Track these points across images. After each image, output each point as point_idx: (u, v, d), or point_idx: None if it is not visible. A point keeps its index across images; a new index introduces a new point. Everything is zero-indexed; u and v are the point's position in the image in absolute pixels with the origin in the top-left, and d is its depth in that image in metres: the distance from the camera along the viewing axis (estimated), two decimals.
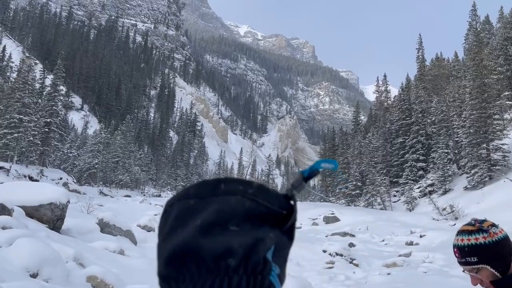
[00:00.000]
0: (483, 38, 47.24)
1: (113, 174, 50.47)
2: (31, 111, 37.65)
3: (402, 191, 39.22)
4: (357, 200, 44.05)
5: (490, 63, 40.03)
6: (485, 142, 31.74)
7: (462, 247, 1.53)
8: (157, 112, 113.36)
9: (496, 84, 38.56)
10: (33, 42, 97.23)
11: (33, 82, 43.47)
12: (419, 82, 53.06)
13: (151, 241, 11.77)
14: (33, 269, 5.90)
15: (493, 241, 1.48)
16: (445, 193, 34.09)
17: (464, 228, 1.57)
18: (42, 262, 6.00)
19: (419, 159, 40.51)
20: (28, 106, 37.28)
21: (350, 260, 12.13)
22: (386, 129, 48.30)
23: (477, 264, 1.49)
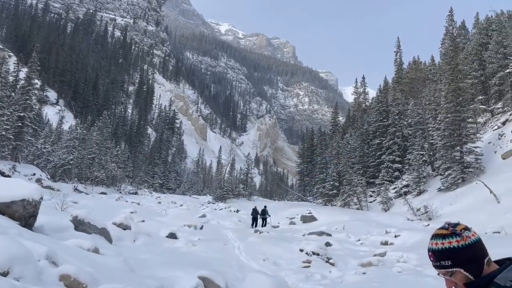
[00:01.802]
0: (459, 43, 48.42)
1: (89, 171, 49.52)
2: (3, 104, 36.54)
3: (378, 192, 39.83)
4: (334, 200, 44.49)
5: (465, 67, 41.10)
6: (458, 145, 32.55)
7: (437, 251, 1.55)
8: (135, 108, 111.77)
9: (470, 88, 39.63)
10: (7, 34, 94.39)
11: (7, 75, 42.18)
12: (396, 85, 53.97)
13: (127, 239, 11.60)
14: (3, 267, 5.72)
15: (466, 245, 1.50)
16: (419, 194, 34.80)
17: (438, 232, 1.59)
18: (13, 260, 5.82)
19: (395, 160, 41.24)
20: (0, 99, 36.18)
21: (326, 260, 12.23)
22: (363, 130, 48.97)
23: (451, 267, 1.52)
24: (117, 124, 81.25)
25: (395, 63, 59.51)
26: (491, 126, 37.22)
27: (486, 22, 48.76)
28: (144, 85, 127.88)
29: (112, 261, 8.29)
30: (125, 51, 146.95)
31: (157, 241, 12.75)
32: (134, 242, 11.70)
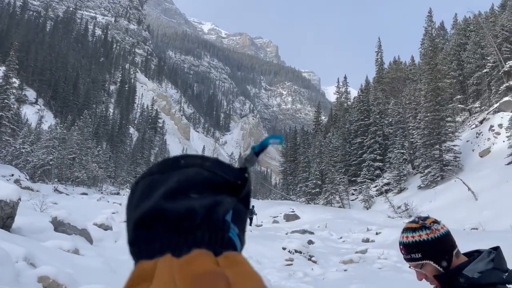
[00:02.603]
0: (437, 43, 49.31)
1: (69, 171, 48.71)
2: None
3: (360, 190, 40.29)
4: (316, 199, 44.80)
5: (444, 67, 41.89)
6: (438, 143, 33.20)
7: (407, 244, 1.58)
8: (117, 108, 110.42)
9: (449, 88, 40.44)
10: None
11: None
12: (377, 84, 54.65)
13: (107, 240, 11.48)
14: None
15: (435, 237, 1.54)
16: (400, 192, 35.36)
17: (408, 225, 1.64)
18: None
19: (376, 158, 41.77)
20: None
21: (308, 257, 12.34)
22: (345, 129, 49.42)
23: (421, 259, 1.55)
24: (98, 124, 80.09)
25: (376, 63, 60.25)
26: (469, 125, 38.08)
27: (464, 23, 49.81)
28: (126, 84, 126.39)
29: (93, 262, 8.20)
30: (106, 50, 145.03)
31: None
32: (116, 242, 11.58)
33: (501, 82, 35.66)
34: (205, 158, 0.49)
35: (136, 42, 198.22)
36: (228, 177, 0.48)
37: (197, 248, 0.39)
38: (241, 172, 0.49)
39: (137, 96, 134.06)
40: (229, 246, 0.42)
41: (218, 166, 0.48)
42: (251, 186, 0.49)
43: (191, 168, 0.47)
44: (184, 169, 0.47)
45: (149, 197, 0.45)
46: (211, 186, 0.46)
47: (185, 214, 0.42)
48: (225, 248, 0.41)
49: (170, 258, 0.38)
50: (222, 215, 0.43)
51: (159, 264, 0.38)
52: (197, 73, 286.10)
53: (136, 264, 0.42)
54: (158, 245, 0.41)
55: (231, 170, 0.49)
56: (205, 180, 0.46)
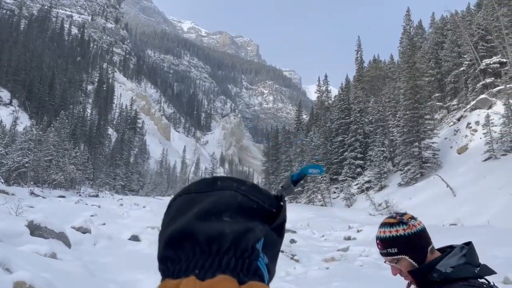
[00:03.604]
0: (416, 42, 50.09)
1: (46, 174, 47.59)
2: None
3: (341, 188, 40.64)
4: (299, 197, 45.00)
5: (422, 66, 42.61)
6: (417, 141, 33.75)
7: (384, 239, 1.59)
8: (95, 108, 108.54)
9: (427, 86, 41.15)
10: None
11: None
12: (357, 83, 55.22)
13: (86, 243, 11.21)
14: None
15: (411, 233, 1.56)
16: (381, 189, 35.81)
17: (386, 221, 1.64)
18: None
19: (357, 157, 42.20)
20: None
21: (291, 256, 12.33)
22: (326, 128, 49.78)
23: (397, 254, 1.56)
24: (75, 125, 78.55)
25: (356, 62, 60.85)
26: (447, 122, 38.82)
27: (442, 22, 50.76)
28: (104, 84, 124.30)
29: (71, 266, 7.97)
30: (83, 49, 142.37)
31: (118, 244, 12.39)
32: (95, 245, 11.32)
33: (477, 80, 36.45)
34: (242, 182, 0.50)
35: (114, 41, 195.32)
36: (263, 204, 0.48)
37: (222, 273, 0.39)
38: (277, 200, 0.49)
39: (115, 96, 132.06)
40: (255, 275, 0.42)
41: (254, 192, 0.48)
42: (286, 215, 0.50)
43: (227, 190, 0.47)
44: (220, 191, 0.47)
45: (183, 216, 0.46)
46: (245, 211, 0.46)
47: (215, 237, 0.42)
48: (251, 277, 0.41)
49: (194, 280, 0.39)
50: (252, 242, 0.43)
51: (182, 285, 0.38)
52: (177, 72, 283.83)
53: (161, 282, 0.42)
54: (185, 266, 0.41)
55: (267, 197, 0.49)
56: (240, 204, 0.46)
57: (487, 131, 27.99)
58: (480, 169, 26.51)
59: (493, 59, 34.59)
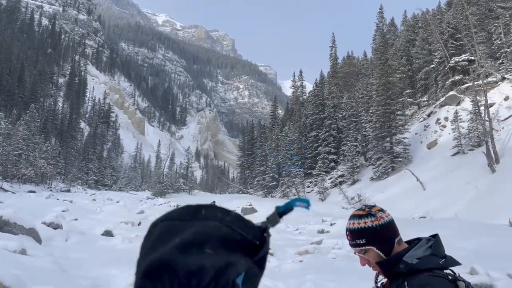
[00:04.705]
0: (388, 39, 51.03)
1: (15, 168, 46.22)
2: None
3: (316, 182, 41.15)
4: (274, 192, 45.30)
5: (394, 63, 43.46)
6: (389, 136, 34.48)
7: (353, 230, 1.64)
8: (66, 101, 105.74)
9: (399, 82, 42.01)
10: None
11: None
12: (331, 79, 55.81)
13: (58, 239, 11.01)
14: None
15: (379, 225, 1.61)
16: (353, 184, 36.46)
17: (355, 213, 1.69)
18: None
19: (331, 151, 42.78)
20: None
21: None
22: (301, 123, 50.22)
23: (365, 245, 1.61)
24: (46, 118, 76.37)
25: (331, 58, 61.46)
26: (418, 118, 39.80)
27: (413, 20, 51.86)
28: (76, 77, 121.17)
29: (42, 262, 7.83)
30: (54, 41, 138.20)
31: (91, 240, 12.22)
32: (66, 241, 11.13)
33: (447, 77, 37.49)
34: (227, 212, 0.49)
35: (86, 33, 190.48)
36: (247, 235, 0.47)
37: None
38: (261, 232, 0.49)
39: (88, 89, 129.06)
40: None
41: (238, 223, 0.48)
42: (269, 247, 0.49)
43: (210, 221, 0.47)
44: (204, 221, 0.47)
45: (164, 245, 0.45)
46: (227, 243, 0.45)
47: (195, 271, 0.42)
48: None
49: None
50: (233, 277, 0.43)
51: None
52: (151, 66, 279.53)
53: None
54: None
55: (251, 229, 0.48)
56: (222, 236, 0.45)
57: (455, 127, 28.87)
58: (448, 164, 27.36)
59: (461, 57, 35.62)
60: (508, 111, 28.00)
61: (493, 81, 31.74)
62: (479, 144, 26.50)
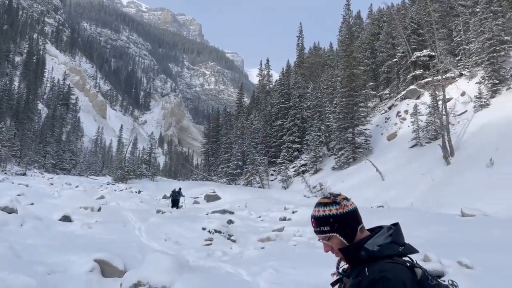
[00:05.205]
0: (354, 31, 51.81)
1: None
2: None
3: (279, 170, 41.61)
4: (238, 179, 45.43)
5: (359, 55, 44.25)
6: (351, 127, 35.26)
7: (318, 218, 1.69)
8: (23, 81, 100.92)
9: (363, 74, 42.88)
10: None
11: None
12: (298, 69, 56.19)
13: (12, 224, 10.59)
14: None
15: (343, 213, 1.66)
16: (316, 173, 37.13)
17: (321, 200, 1.74)
18: None
19: (295, 140, 43.29)
20: None
21: (228, 237, 12.51)
22: (267, 112, 50.42)
23: (329, 232, 1.67)
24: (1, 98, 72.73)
25: (297, 48, 61.79)
26: (379, 110, 40.88)
27: (378, 14, 52.90)
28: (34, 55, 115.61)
29: None
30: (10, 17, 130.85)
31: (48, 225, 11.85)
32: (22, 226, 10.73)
33: (408, 71, 38.62)
34: None
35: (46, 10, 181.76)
36: None
37: None
38: None
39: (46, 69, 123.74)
40: None
41: None
42: None
43: None
44: None
45: None
46: None
47: None
48: None
49: None
50: None
51: None
52: (114, 48, 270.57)
53: None
54: None
55: None
56: None
57: (415, 120, 29.90)
58: (406, 155, 28.35)
59: (423, 52, 36.74)
60: (464, 106, 29.24)
61: (451, 77, 33.00)
62: (436, 137, 27.57)
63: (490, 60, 28.23)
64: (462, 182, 19.70)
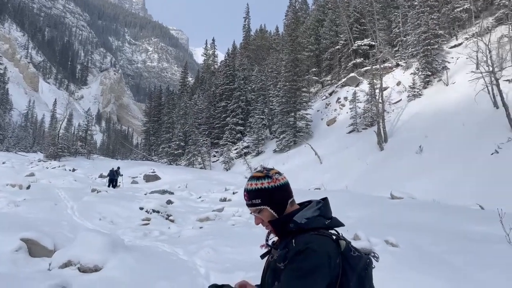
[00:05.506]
0: (300, 17, 52.36)
1: None
2: None
3: (221, 152, 41.61)
4: (179, 160, 44.89)
5: (304, 40, 44.90)
6: (293, 111, 35.93)
7: (250, 191, 1.72)
8: None
9: (306, 60, 43.65)
10: None
11: None
12: (243, 50, 56.00)
13: None
14: None
15: (275, 186, 1.70)
16: (258, 155, 37.58)
17: (254, 174, 1.76)
18: None
19: (238, 123, 43.39)
20: None
21: (166, 217, 12.38)
22: (211, 92, 49.93)
23: (260, 205, 1.70)
24: None
25: (244, 29, 61.42)
26: (321, 96, 41.96)
27: (324, 1, 53.71)
28: None
29: None
30: None
31: None
32: None
33: (349, 59, 39.84)
34: None
35: None
36: None
37: None
38: None
39: None
40: None
41: None
42: None
43: None
44: None
45: None
46: None
47: None
48: None
49: None
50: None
51: None
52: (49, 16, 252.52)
53: None
54: None
55: None
56: None
57: (353, 107, 31.06)
58: (344, 141, 29.49)
59: (364, 41, 38.03)
60: (399, 95, 30.81)
61: (388, 67, 34.55)
62: (372, 123, 28.88)
63: (424, 52, 29.84)
64: (394, 167, 20.91)
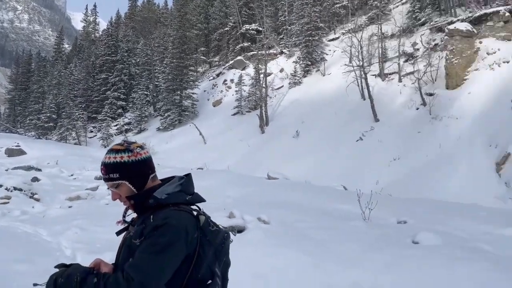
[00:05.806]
0: None
1: None
2: None
3: (100, 128, 39.15)
4: (50, 134, 41.15)
5: (193, 18, 44.15)
6: (179, 90, 35.35)
7: (108, 164, 1.60)
8: None
9: (195, 38, 43.04)
10: None
11: None
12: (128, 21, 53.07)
13: None
14: None
15: (135, 160, 1.60)
16: (140, 132, 36.27)
17: (113, 147, 1.65)
18: None
19: (120, 97, 41.13)
20: None
21: (31, 195, 11.31)
22: (90, 63, 46.37)
23: (117, 180, 1.60)
24: None
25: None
26: (208, 76, 41.92)
27: None
28: None
29: None
30: None
31: None
32: None
33: (237, 42, 40.36)
34: None
35: None
36: None
37: None
38: None
39: None
40: None
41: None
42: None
43: None
44: None
45: None
46: None
47: None
48: None
49: None
50: None
51: None
52: None
53: None
54: None
55: None
56: None
57: (239, 90, 31.73)
58: (229, 122, 30.06)
59: (252, 25, 38.82)
60: (281, 82, 32.32)
61: (273, 53, 35.92)
62: (255, 107, 29.88)
63: (306, 42, 31.67)
64: (273, 149, 22.02)
